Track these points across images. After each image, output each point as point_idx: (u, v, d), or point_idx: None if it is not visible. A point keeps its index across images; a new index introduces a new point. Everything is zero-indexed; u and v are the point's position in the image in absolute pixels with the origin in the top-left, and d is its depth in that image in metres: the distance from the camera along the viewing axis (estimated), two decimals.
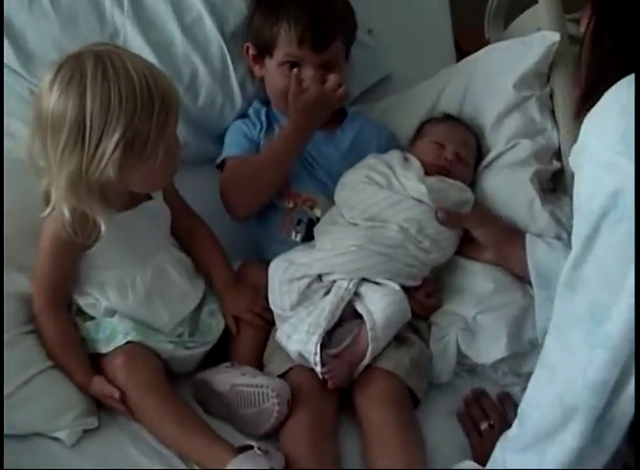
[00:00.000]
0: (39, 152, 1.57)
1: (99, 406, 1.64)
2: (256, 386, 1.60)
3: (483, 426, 1.67)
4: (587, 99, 1.36)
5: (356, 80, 2.16)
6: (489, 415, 1.68)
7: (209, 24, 2.04)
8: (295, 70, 1.90)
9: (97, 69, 1.50)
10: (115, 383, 1.61)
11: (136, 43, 2.00)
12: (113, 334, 1.65)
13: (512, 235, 1.84)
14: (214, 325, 1.77)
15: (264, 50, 1.99)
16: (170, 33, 2.03)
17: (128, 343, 1.64)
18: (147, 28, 2.03)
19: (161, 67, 1.94)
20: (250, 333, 1.78)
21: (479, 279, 1.83)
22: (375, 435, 1.61)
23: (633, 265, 1.17)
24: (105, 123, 1.50)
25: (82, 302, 1.69)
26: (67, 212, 1.56)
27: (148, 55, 1.98)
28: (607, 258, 1.21)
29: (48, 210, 1.60)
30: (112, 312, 1.68)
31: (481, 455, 1.55)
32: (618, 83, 1.23)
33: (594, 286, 1.24)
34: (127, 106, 1.49)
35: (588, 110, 1.27)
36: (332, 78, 1.88)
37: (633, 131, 1.15)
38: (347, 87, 1.96)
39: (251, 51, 2.02)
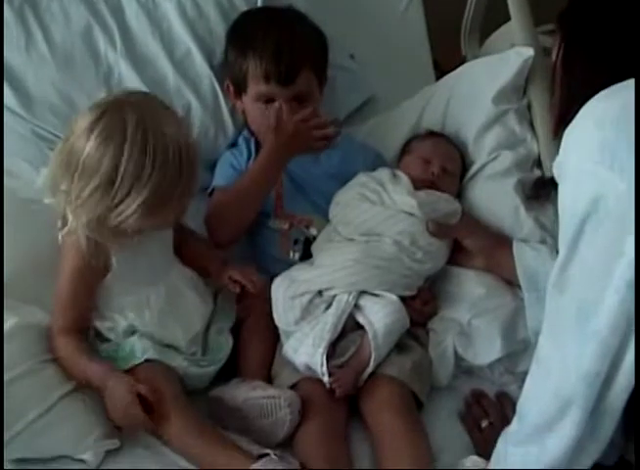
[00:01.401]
0: (60, 179, 1.62)
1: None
2: (269, 397, 1.66)
3: (484, 424, 1.71)
4: (563, 120, 1.42)
5: (341, 104, 2.22)
6: (489, 414, 1.73)
7: (199, 59, 2.12)
8: (274, 104, 1.94)
9: (137, 131, 1.55)
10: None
11: (130, 80, 2.08)
12: (132, 353, 1.70)
13: (500, 242, 1.90)
14: (224, 343, 1.81)
15: (239, 87, 2.04)
16: (162, 69, 2.11)
17: (147, 361, 1.68)
18: (139, 65, 2.10)
19: None
20: (258, 348, 1.82)
21: (471, 285, 1.89)
22: (384, 438, 1.66)
23: (616, 264, 1.21)
24: (133, 184, 1.55)
25: (101, 325, 1.74)
26: (83, 241, 1.63)
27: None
28: (591, 258, 1.26)
29: (65, 229, 1.65)
30: (130, 333, 1.73)
31: (485, 451, 1.59)
32: (594, 98, 1.28)
33: (581, 285, 1.29)
34: (158, 173, 1.55)
35: (565, 127, 1.33)
36: (305, 112, 1.92)
37: (609, 142, 1.21)
38: (324, 113, 1.99)
39: (231, 87, 2.07)
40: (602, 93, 1.28)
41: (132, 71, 2.09)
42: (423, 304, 1.86)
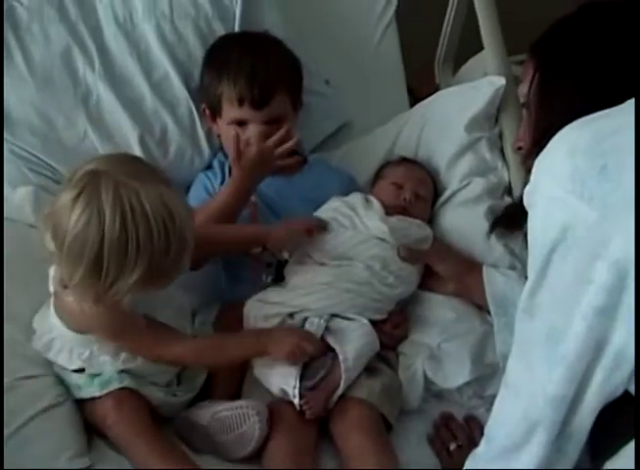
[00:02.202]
0: (51, 246, 1.54)
1: (90, 445, 1.68)
2: (236, 408, 1.68)
3: (452, 447, 1.73)
4: (536, 147, 1.45)
5: (316, 129, 2.25)
6: (457, 436, 1.75)
7: (177, 81, 2.13)
8: (234, 132, 1.94)
9: (115, 213, 1.46)
10: (105, 423, 1.67)
11: (108, 101, 2.09)
12: (110, 381, 1.69)
13: (470, 267, 1.92)
14: (197, 373, 1.81)
15: (214, 110, 2.06)
16: (140, 90, 2.12)
17: (121, 389, 1.69)
18: (118, 86, 2.11)
19: (133, 123, 2.08)
20: (227, 370, 1.83)
21: (441, 310, 1.91)
22: (353, 459, 1.68)
23: (584, 291, 1.22)
24: (122, 265, 1.47)
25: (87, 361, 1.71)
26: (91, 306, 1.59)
27: (120, 112, 2.09)
28: (559, 285, 1.27)
29: (71, 298, 1.62)
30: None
31: None
32: (566, 127, 1.29)
33: (549, 311, 1.30)
34: (144, 253, 1.47)
35: (537, 155, 1.34)
36: (275, 136, 1.93)
37: (580, 171, 1.22)
38: (299, 137, 2.01)
39: (207, 111, 2.09)
40: (574, 123, 1.29)
41: (110, 93, 2.10)
42: (393, 327, 1.88)
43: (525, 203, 1.35)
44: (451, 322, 1.89)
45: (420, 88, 2.49)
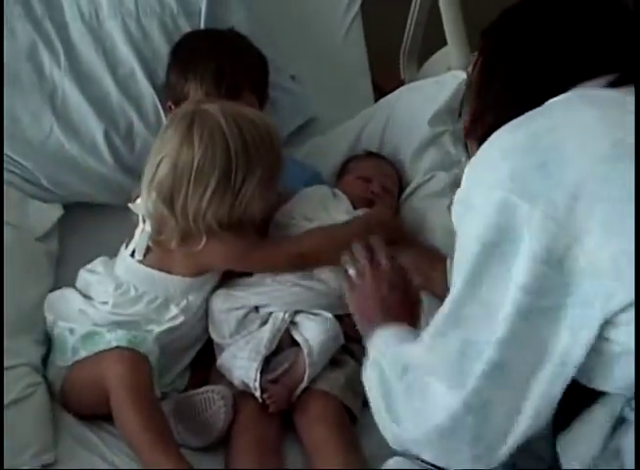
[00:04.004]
0: (175, 196, 1.72)
1: (56, 440, 1.68)
2: (201, 393, 1.72)
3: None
4: (473, 128, 1.46)
5: (281, 124, 2.20)
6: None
7: (142, 77, 2.14)
8: None
9: (230, 124, 1.70)
10: (108, 379, 1.67)
11: (74, 98, 2.10)
12: (143, 342, 1.73)
13: (434, 260, 1.92)
14: (183, 373, 1.87)
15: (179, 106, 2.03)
16: (105, 87, 2.13)
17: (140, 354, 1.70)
18: (83, 83, 2.12)
19: (99, 119, 2.09)
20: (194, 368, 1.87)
21: None
22: (316, 452, 1.69)
23: (513, 293, 1.17)
24: (246, 168, 1.70)
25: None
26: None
27: (86, 108, 2.10)
28: (489, 293, 1.21)
29: (203, 243, 1.75)
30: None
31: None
32: (497, 131, 1.28)
33: (475, 323, 1.23)
34: (261, 152, 1.72)
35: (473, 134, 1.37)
36: None
37: (519, 170, 1.19)
38: None
39: (172, 108, 2.07)
40: (504, 127, 1.28)
41: (76, 89, 2.11)
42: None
43: (456, 211, 1.30)
44: None
45: (385, 83, 2.50)
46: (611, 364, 1.21)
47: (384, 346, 1.44)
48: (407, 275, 1.64)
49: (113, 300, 1.79)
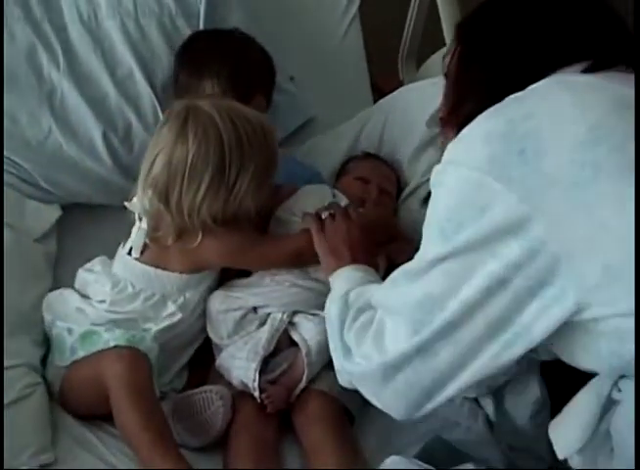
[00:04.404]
0: (169, 193, 1.72)
1: (55, 440, 1.67)
2: (200, 393, 1.73)
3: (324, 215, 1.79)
4: (450, 116, 1.49)
5: (281, 125, 2.23)
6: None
7: (140, 78, 2.14)
8: None
9: (222, 115, 1.70)
10: (108, 377, 1.66)
11: (72, 99, 2.10)
12: (141, 340, 1.73)
13: None
14: (181, 372, 1.87)
15: None
16: (104, 87, 2.13)
17: (139, 352, 1.71)
18: (82, 84, 2.12)
19: (97, 120, 2.09)
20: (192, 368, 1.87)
21: None
22: (314, 452, 1.70)
23: (482, 263, 1.24)
24: (240, 163, 1.70)
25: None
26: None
27: (84, 109, 2.10)
28: (456, 261, 1.27)
29: (199, 239, 1.75)
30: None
31: None
32: (478, 117, 1.31)
33: (435, 280, 1.30)
34: (254, 146, 1.72)
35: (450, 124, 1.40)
36: None
37: (498, 155, 1.23)
38: None
39: None
40: (485, 113, 1.31)
41: (74, 90, 2.11)
42: None
43: (433, 181, 1.35)
44: None
45: (384, 83, 2.50)
46: (597, 343, 1.24)
47: (352, 283, 1.57)
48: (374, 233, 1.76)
49: (110, 298, 1.79)
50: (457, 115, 1.44)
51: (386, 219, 2.00)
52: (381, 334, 1.39)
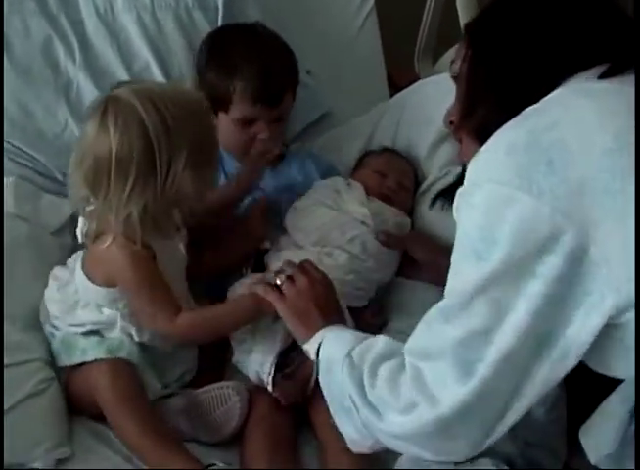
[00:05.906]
0: (97, 189, 1.62)
1: (71, 434, 1.67)
2: (216, 388, 1.72)
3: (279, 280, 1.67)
4: (463, 121, 1.47)
5: (297, 118, 2.24)
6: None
7: (156, 72, 2.15)
8: (260, 136, 1.97)
9: (143, 101, 1.58)
10: (96, 390, 1.66)
11: (88, 92, 2.10)
12: (119, 348, 1.70)
13: (448, 255, 1.93)
14: (189, 369, 1.84)
15: (218, 105, 1.99)
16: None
17: (124, 360, 1.69)
18: (98, 77, 2.13)
19: None
20: (210, 363, 1.85)
21: (420, 297, 1.90)
22: (329, 447, 1.68)
23: (525, 286, 1.20)
24: (171, 145, 1.58)
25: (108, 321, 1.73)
26: (138, 234, 1.63)
27: None
28: (498, 285, 1.23)
29: (108, 241, 1.65)
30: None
31: None
32: (499, 130, 1.29)
33: (478, 313, 1.24)
34: (185, 129, 1.59)
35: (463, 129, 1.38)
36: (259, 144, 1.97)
37: (524, 166, 1.21)
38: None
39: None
40: (507, 125, 1.29)
41: (90, 83, 2.12)
42: (372, 315, 1.90)
43: (457, 204, 1.30)
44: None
45: (400, 78, 2.49)
46: (629, 350, 1.22)
47: (348, 343, 1.45)
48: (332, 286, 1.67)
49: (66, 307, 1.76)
50: (470, 120, 1.43)
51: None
52: (422, 383, 1.30)
